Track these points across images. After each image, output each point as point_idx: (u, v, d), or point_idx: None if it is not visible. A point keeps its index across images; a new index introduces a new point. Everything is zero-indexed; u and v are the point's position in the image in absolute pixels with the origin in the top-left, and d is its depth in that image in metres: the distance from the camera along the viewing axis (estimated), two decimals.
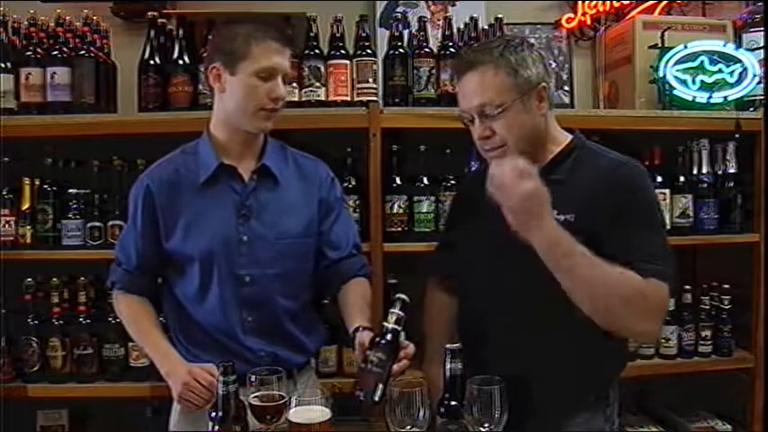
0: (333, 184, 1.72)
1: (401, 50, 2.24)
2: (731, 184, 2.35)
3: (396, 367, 1.35)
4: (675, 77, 2.34)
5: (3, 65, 2.15)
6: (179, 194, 1.60)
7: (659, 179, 2.28)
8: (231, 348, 1.58)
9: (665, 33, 2.38)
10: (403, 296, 1.38)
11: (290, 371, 1.62)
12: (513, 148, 1.44)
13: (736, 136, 2.30)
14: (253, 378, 1.33)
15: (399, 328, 1.35)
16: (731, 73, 2.35)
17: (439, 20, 2.50)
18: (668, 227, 2.27)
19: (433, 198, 2.20)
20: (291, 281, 1.63)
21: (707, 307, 2.36)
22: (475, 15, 2.37)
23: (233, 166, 1.61)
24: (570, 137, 1.54)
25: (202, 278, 1.58)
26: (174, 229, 1.59)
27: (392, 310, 1.37)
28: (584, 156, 1.50)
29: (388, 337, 1.34)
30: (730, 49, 2.38)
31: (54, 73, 2.15)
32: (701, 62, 2.36)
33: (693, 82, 2.35)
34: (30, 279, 2.14)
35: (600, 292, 1.33)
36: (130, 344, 2.13)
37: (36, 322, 2.14)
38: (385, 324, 1.36)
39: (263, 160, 1.62)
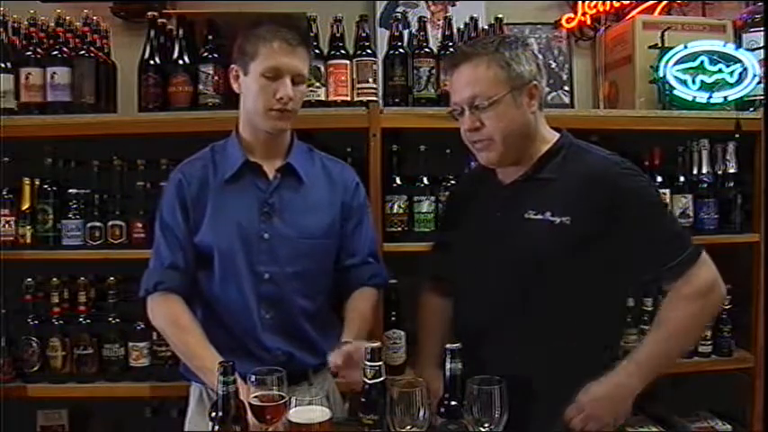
0: (357, 189, 1.73)
1: (401, 50, 2.24)
2: (731, 184, 2.34)
3: None
4: (675, 77, 2.34)
5: (3, 65, 2.15)
6: (206, 190, 1.62)
7: (659, 179, 2.28)
8: (250, 347, 1.58)
9: (665, 33, 2.38)
10: (373, 345, 1.33)
11: (306, 372, 1.63)
12: (499, 143, 1.45)
13: (736, 136, 2.30)
14: (253, 378, 1.33)
15: (380, 380, 1.32)
16: (731, 73, 2.35)
17: (439, 20, 2.50)
18: None
19: (432, 198, 2.20)
20: (309, 281, 1.64)
21: None
22: (475, 15, 2.37)
23: (258, 164, 1.63)
24: (557, 135, 1.55)
25: (223, 273, 1.60)
26: (201, 223, 1.61)
27: (367, 363, 1.32)
28: (572, 153, 1.51)
29: (373, 393, 1.31)
30: (730, 49, 2.38)
31: (54, 73, 2.15)
32: (701, 62, 2.36)
33: (693, 82, 2.35)
34: (30, 279, 2.14)
35: (690, 337, 1.54)
36: (130, 344, 2.14)
37: (36, 322, 2.14)
38: (365, 380, 1.32)
39: (287, 159, 1.64)
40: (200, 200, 1.61)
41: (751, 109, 2.34)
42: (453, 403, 1.31)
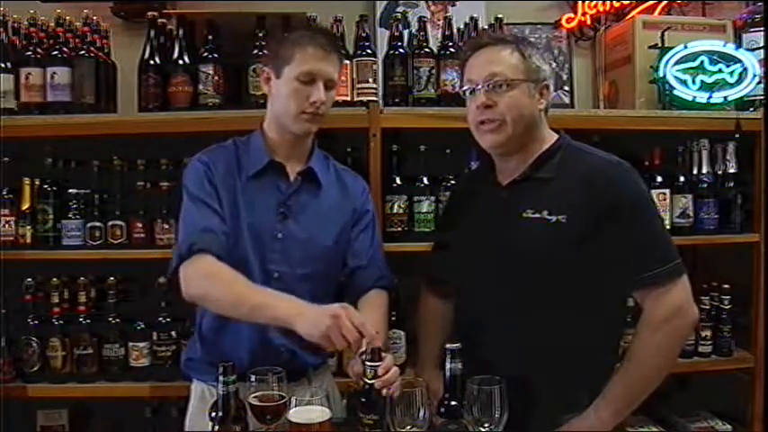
0: (367, 198, 1.77)
1: (401, 50, 2.24)
2: (731, 184, 2.34)
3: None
4: (675, 77, 2.34)
5: (3, 65, 2.15)
6: (228, 181, 1.62)
7: (659, 179, 2.28)
8: (255, 344, 1.58)
9: (665, 33, 2.38)
10: (375, 345, 1.34)
11: (306, 370, 1.64)
12: (510, 124, 1.47)
13: (736, 136, 2.30)
14: (252, 378, 1.33)
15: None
16: (731, 73, 2.35)
17: (439, 20, 2.50)
18: (668, 227, 2.28)
19: (432, 198, 2.20)
20: (317, 283, 1.64)
21: (707, 307, 2.35)
22: (475, 15, 2.37)
23: (282, 165, 1.65)
24: (556, 136, 1.57)
25: (235, 268, 1.57)
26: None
27: (368, 363, 1.33)
28: (569, 154, 1.53)
29: (373, 393, 1.32)
30: (730, 49, 2.38)
31: (54, 73, 2.15)
32: (701, 62, 2.36)
33: (693, 82, 2.35)
34: (30, 279, 2.14)
35: (663, 366, 1.51)
36: (130, 344, 2.14)
37: (36, 322, 2.14)
38: (365, 380, 1.33)
39: (309, 163, 1.67)
40: (224, 184, 1.60)
41: (751, 109, 2.34)
42: (453, 403, 1.32)
